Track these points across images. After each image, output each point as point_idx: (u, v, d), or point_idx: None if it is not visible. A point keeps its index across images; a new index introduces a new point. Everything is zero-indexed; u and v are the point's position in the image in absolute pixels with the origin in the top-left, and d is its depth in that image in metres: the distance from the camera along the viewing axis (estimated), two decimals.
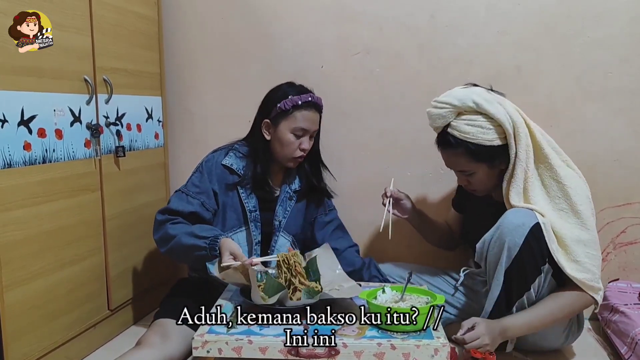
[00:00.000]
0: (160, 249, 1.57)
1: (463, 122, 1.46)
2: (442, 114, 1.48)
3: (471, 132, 1.45)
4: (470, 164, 1.49)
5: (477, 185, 1.55)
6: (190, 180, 1.64)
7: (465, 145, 1.46)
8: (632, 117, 1.80)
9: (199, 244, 1.46)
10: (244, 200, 1.63)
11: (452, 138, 1.48)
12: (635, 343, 1.47)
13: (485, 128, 1.45)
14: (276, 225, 1.68)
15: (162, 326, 1.45)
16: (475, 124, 1.45)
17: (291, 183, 1.72)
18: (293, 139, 1.60)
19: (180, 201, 1.58)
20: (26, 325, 1.35)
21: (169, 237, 1.52)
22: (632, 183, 1.83)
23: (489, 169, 1.50)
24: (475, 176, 1.52)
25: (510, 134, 1.44)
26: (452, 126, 1.47)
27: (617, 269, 1.87)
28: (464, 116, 1.46)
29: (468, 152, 1.47)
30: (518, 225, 1.38)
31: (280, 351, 1.20)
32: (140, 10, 1.83)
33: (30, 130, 1.34)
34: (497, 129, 1.45)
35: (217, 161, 1.65)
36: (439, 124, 1.50)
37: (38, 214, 1.38)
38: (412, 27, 1.89)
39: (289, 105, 1.58)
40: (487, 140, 1.45)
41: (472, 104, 1.44)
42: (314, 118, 1.63)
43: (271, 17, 1.97)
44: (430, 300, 1.33)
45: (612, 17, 1.77)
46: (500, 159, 1.49)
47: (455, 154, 1.50)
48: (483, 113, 1.44)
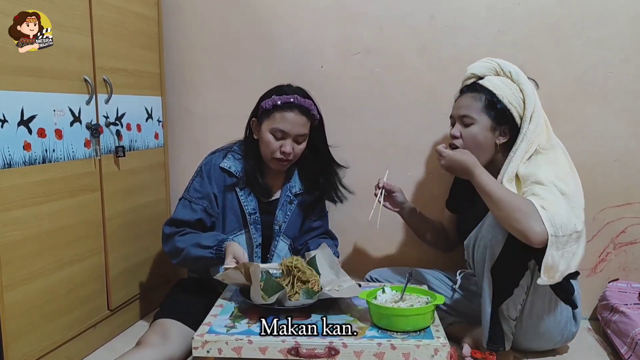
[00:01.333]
0: (171, 260, 1.61)
1: (498, 79, 1.55)
2: (486, 66, 1.57)
3: (500, 87, 1.53)
4: (478, 112, 1.53)
5: (466, 140, 1.55)
6: (192, 185, 1.64)
7: (488, 93, 1.53)
8: (632, 117, 1.80)
9: (205, 254, 1.50)
10: (242, 202, 1.63)
11: (479, 86, 1.55)
12: (635, 343, 1.47)
13: (512, 92, 1.52)
14: (276, 230, 1.67)
15: (162, 326, 1.46)
16: (508, 85, 1.53)
17: (292, 186, 1.71)
18: (272, 140, 1.58)
19: (185, 209, 1.60)
20: (26, 325, 1.35)
21: (178, 250, 1.56)
22: (632, 183, 1.83)
23: (489, 129, 1.53)
24: (471, 129, 1.53)
25: (529, 114, 1.49)
26: (487, 78, 1.56)
27: (617, 269, 1.87)
28: (501, 77, 1.56)
29: (486, 99, 1.52)
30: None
31: (280, 351, 1.20)
32: (140, 10, 1.83)
33: (30, 130, 1.34)
34: (520, 103, 1.52)
35: (215, 164, 1.65)
36: (477, 72, 1.58)
37: (38, 214, 1.38)
38: (412, 27, 1.89)
39: (269, 105, 1.57)
40: (509, 102, 1.51)
41: (512, 70, 1.55)
42: (296, 120, 1.57)
43: (271, 17, 1.97)
44: (430, 300, 1.33)
45: (612, 18, 1.77)
46: (503, 129, 1.53)
47: (473, 97, 1.55)
48: (516, 83, 1.53)
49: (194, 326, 1.33)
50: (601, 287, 1.84)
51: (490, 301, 1.41)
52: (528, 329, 1.49)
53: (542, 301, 1.46)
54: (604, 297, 1.79)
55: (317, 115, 1.64)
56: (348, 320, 1.32)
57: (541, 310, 1.47)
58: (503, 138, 1.54)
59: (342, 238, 1.85)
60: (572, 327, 1.54)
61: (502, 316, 1.42)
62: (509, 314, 1.42)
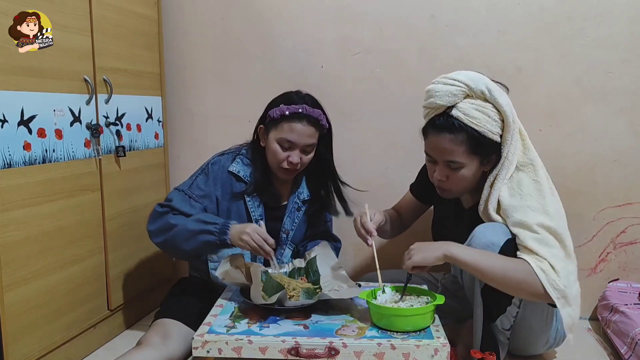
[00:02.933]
0: (154, 239, 1.53)
1: (472, 107, 1.32)
2: (453, 92, 1.32)
3: (478, 118, 1.32)
4: (465, 154, 1.35)
5: (455, 184, 1.41)
6: (196, 182, 1.60)
7: (469, 131, 1.32)
8: (632, 117, 1.80)
9: (208, 228, 1.44)
10: (250, 208, 1.60)
11: (456, 121, 1.32)
12: (635, 343, 1.47)
13: (492, 118, 1.33)
14: (283, 238, 1.65)
15: (163, 326, 1.45)
16: (484, 111, 1.32)
17: (300, 192, 1.69)
18: (279, 150, 1.54)
19: (184, 203, 1.54)
20: (26, 325, 1.35)
21: (169, 226, 1.49)
22: (632, 183, 1.83)
23: (478, 166, 1.39)
24: (460, 172, 1.38)
25: (509, 136, 1.35)
26: (459, 108, 1.32)
27: (617, 269, 1.87)
28: (473, 100, 1.33)
29: (470, 140, 1.33)
30: (487, 245, 1.31)
31: (280, 351, 1.20)
32: (140, 10, 1.83)
33: (30, 130, 1.34)
34: (499, 123, 1.34)
35: (223, 166, 1.62)
36: (444, 102, 1.33)
37: (38, 214, 1.38)
38: (412, 27, 1.89)
39: (277, 115, 1.53)
40: (492, 132, 1.33)
41: (485, 89, 1.32)
42: (305, 131, 1.53)
43: (271, 17, 1.97)
44: (430, 300, 1.33)
45: (612, 18, 1.77)
46: (491, 158, 1.39)
47: (453, 140, 1.33)
48: (491, 102, 1.33)
49: (194, 326, 1.33)
50: (601, 287, 1.84)
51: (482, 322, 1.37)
52: (521, 338, 1.47)
53: (535, 312, 1.41)
54: (604, 297, 1.79)
55: (326, 125, 1.60)
56: (348, 320, 1.32)
57: (535, 321, 1.43)
58: (490, 165, 1.41)
59: (342, 239, 1.84)
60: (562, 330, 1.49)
61: (497, 329, 1.41)
62: (502, 327, 1.41)
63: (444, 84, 1.35)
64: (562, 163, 1.81)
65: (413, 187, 1.73)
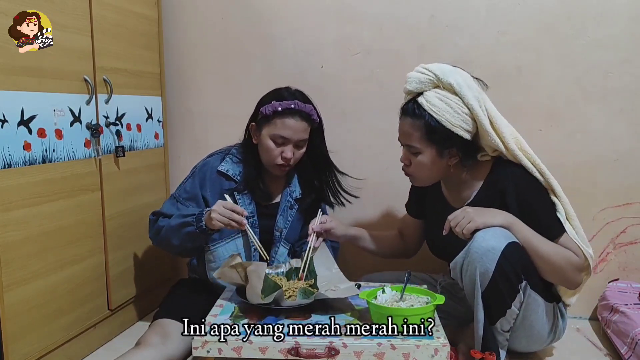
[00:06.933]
0: (153, 243, 1.63)
1: (436, 96, 1.39)
2: (421, 79, 1.41)
3: (439, 107, 1.38)
4: (421, 140, 1.41)
5: (415, 170, 1.47)
6: (183, 185, 1.64)
7: (426, 118, 1.39)
8: (632, 117, 1.80)
9: (187, 220, 1.50)
10: (240, 206, 1.60)
11: (417, 107, 1.40)
12: (635, 343, 1.47)
13: (454, 110, 1.38)
14: (277, 236, 1.66)
15: (162, 326, 1.46)
16: (447, 102, 1.38)
17: (292, 190, 1.69)
18: (273, 146, 1.56)
19: (172, 207, 1.61)
20: (26, 325, 1.35)
21: (159, 229, 1.57)
22: (632, 183, 1.82)
23: (436, 156, 1.43)
24: (418, 157, 1.44)
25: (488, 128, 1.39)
26: (425, 96, 1.40)
27: (617, 269, 1.87)
28: (439, 90, 1.40)
29: (425, 127, 1.39)
30: (488, 250, 1.31)
31: (280, 351, 1.20)
32: (140, 10, 1.83)
33: (30, 130, 1.34)
34: (465, 118, 1.39)
35: (212, 166, 1.64)
36: (412, 88, 1.42)
37: (38, 214, 1.38)
38: (412, 27, 1.89)
39: (270, 111, 1.54)
40: (451, 123, 1.38)
41: (453, 81, 1.38)
42: (297, 126, 1.55)
43: (271, 17, 1.97)
44: (430, 300, 1.33)
45: (612, 18, 1.77)
46: (453, 152, 1.43)
47: (412, 124, 1.41)
48: (459, 96, 1.38)
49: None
50: (601, 287, 1.84)
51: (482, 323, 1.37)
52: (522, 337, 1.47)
53: (535, 312, 1.43)
54: (604, 297, 1.79)
55: (317, 120, 1.62)
56: (349, 320, 1.32)
57: (534, 320, 1.44)
58: (454, 159, 1.45)
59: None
60: (561, 323, 1.52)
61: (497, 331, 1.41)
62: (502, 329, 1.41)
63: (417, 71, 1.43)
64: (562, 163, 1.81)
65: (407, 207, 1.76)
